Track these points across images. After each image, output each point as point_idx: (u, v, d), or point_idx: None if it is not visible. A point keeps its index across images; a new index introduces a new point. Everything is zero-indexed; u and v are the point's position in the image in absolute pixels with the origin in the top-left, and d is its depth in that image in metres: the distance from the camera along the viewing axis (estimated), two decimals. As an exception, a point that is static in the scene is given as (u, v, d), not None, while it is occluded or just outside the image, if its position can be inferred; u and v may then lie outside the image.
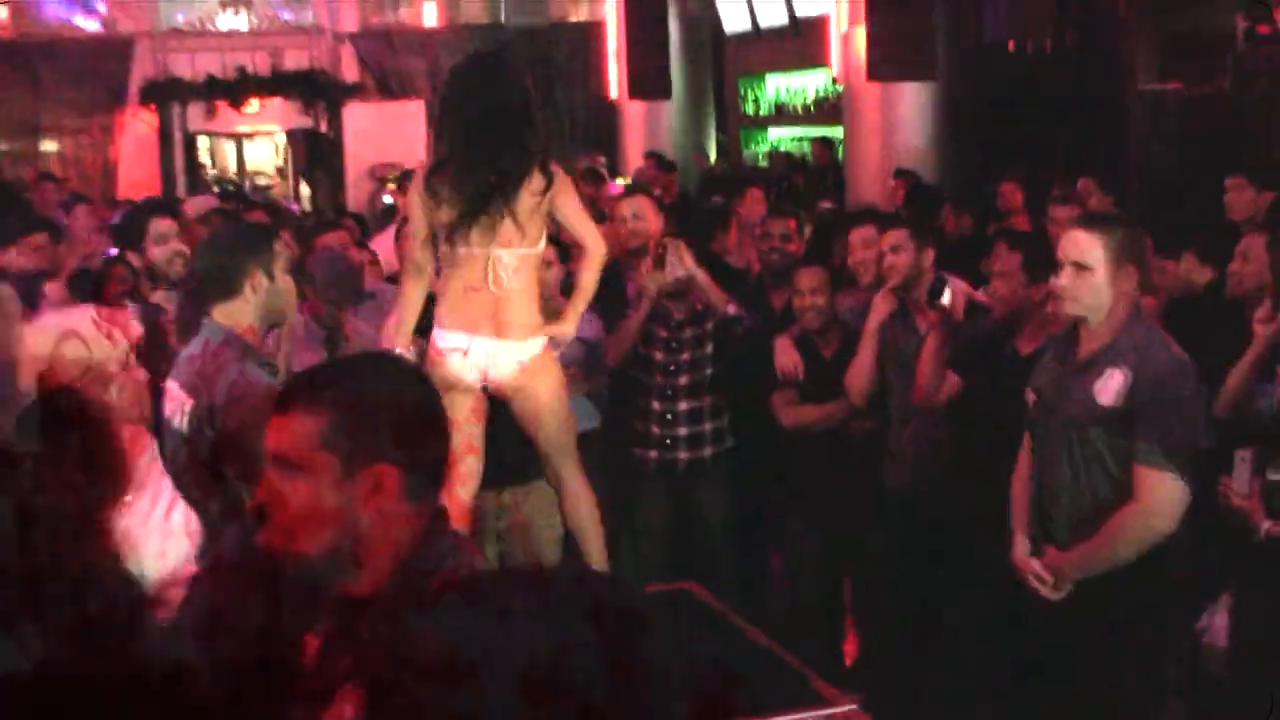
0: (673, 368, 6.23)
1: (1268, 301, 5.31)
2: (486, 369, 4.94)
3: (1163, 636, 4.61)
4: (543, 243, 4.98)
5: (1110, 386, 4.37)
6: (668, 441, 6.25)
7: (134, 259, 6.15)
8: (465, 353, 4.93)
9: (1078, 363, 4.50)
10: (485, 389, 5.03)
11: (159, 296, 5.91)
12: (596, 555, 5.15)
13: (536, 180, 4.83)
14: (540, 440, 5.12)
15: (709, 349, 6.23)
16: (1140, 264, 4.57)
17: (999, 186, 8.67)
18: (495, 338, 4.92)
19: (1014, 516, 4.74)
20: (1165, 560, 4.43)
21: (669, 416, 6.24)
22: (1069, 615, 4.51)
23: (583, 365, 6.31)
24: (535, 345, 4.98)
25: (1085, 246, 4.44)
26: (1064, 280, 4.46)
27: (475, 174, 4.83)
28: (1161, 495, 4.35)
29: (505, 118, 4.86)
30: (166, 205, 7.08)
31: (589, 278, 5.11)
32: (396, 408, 2.45)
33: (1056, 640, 4.57)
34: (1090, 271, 4.41)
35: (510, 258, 4.86)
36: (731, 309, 6.21)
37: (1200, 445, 4.46)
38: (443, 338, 4.97)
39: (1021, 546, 4.66)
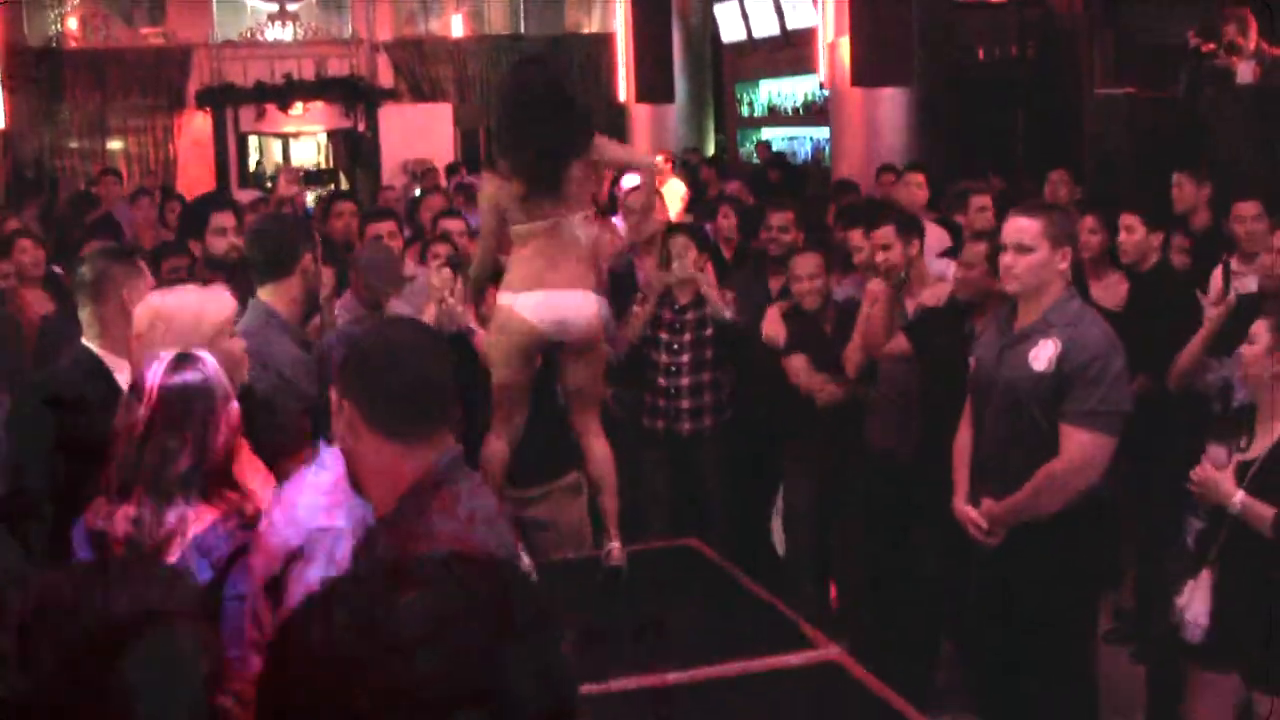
0: (676, 347, 6.21)
1: (1218, 286, 5.28)
2: (566, 319, 4.77)
3: (1089, 575, 4.68)
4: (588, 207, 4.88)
5: (1042, 354, 4.44)
6: (672, 413, 6.23)
7: (194, 248, 6.13)
8: (546, 306, 4.76)
9: (1014, 334, 4.56)
10: (557, 344, 4.87)
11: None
12: (614, 500, 5.04)
13: (583, 150, 4.75)
14: (584, 394, 4.98)
15: (710, 330, 6.18)
16: (1073, 245, 4.63)
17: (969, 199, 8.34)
18: (570, 289, 4.77)
19: (955, 471, 4.80)
20: (1090, 508, 4.50)
21: (673, 391, 6.22)
22: (1006, 557, 4.59)
23: None
24: (596, 300, 4.85)
25: (1026, 230, 4.50)
26: (1007, 260, 4.52)
27: (537, 151, 4.71)
28: (1084, 452, 4.42)
29: (557, 103, 4.76)
30: (227, 201, 7.06)
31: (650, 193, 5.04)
32: (363, 352, 2.58)
33: (998, 581, 4.65)
34: (1031, 251, 4.46)
35: (573, 220, 4.76)
36: (729, 314, 6.16)
37: (1126, 410, 4.52)
38: (523, 298, 4.78)
39: (961, 497, 4.72)
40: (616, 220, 8.21)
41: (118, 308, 4.09)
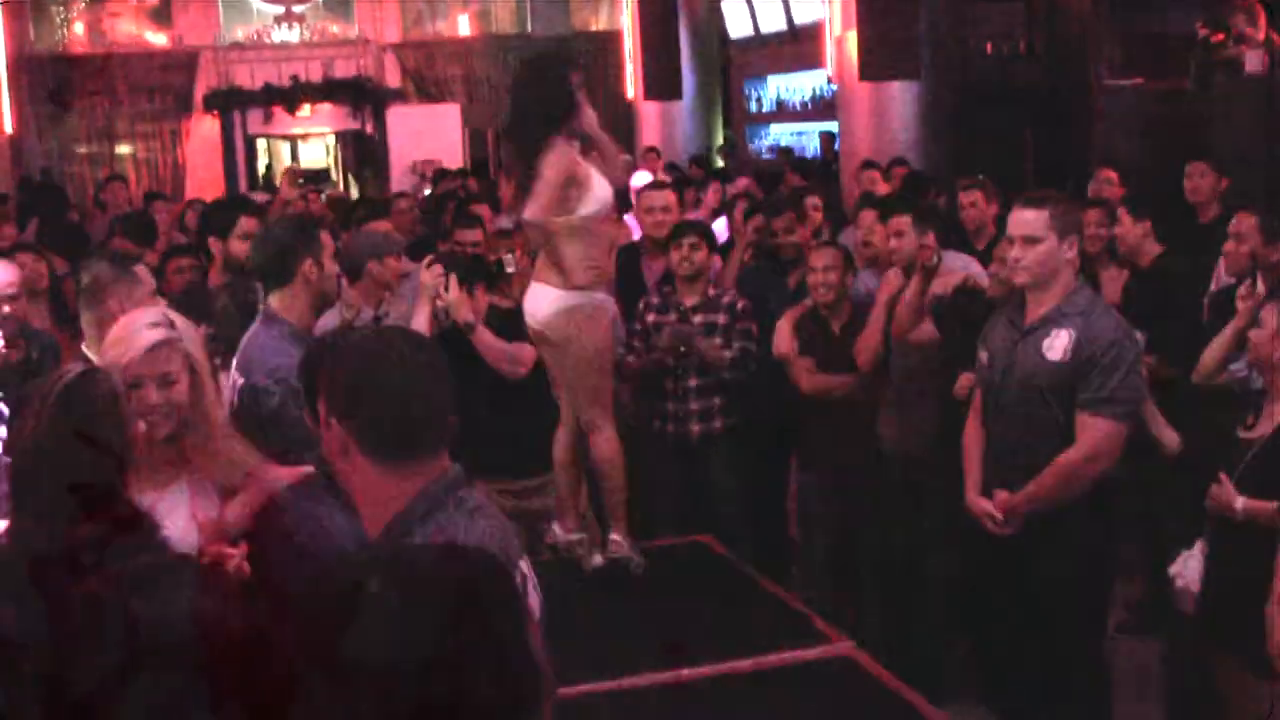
0: (682, 350, 6.19)
1: (1247, 280, 5.27)
2: (531, 312, 4.92)
3: (1099, 563, 4.67)
4: (578, 210, 4.81)
5: (1057, 345, 4.46)
6: (681, 416, 6.22)
7: (215, 247, 6.16)
8: (529, 299, 4.97)
9: (1026, 326, 4.56)
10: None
11: None
12: (616, 495, 5.10)
13: (531, 148, 4.78)
14: (570, 389, 5.04)
15: (718, 335, 6.18)
16: (1080, 235, 4.60)
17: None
18: (537, 283, 4.91)
19: (966, 464, 4.81)
20: (1103, 496, 4.52)
21: (681, 394, 6.20)
22: (1016, 548, 4.60)
23: None
24: (553, 295, 4.87)
25: (1031, 221, 4.50)
26: (1015, 252, 4.54)
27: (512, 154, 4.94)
28: (1101, 439, 4.44)
29: (522, 110, 4.88)
30: (259, 208, 7.11)
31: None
32: (353, 368, 2.44)
33: (1009, 571, 4.66)
34: (1038, 243, 4.46)
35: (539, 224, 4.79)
36: (728, 354, 6.16)
37: (1140, 397, 4.56)
38: None
39: (973, 490, 4.73)
40: (628, 219, 8.25)
41: (107, 315, 4.14)
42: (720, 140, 19.50)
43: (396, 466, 2.39)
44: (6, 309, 5.03)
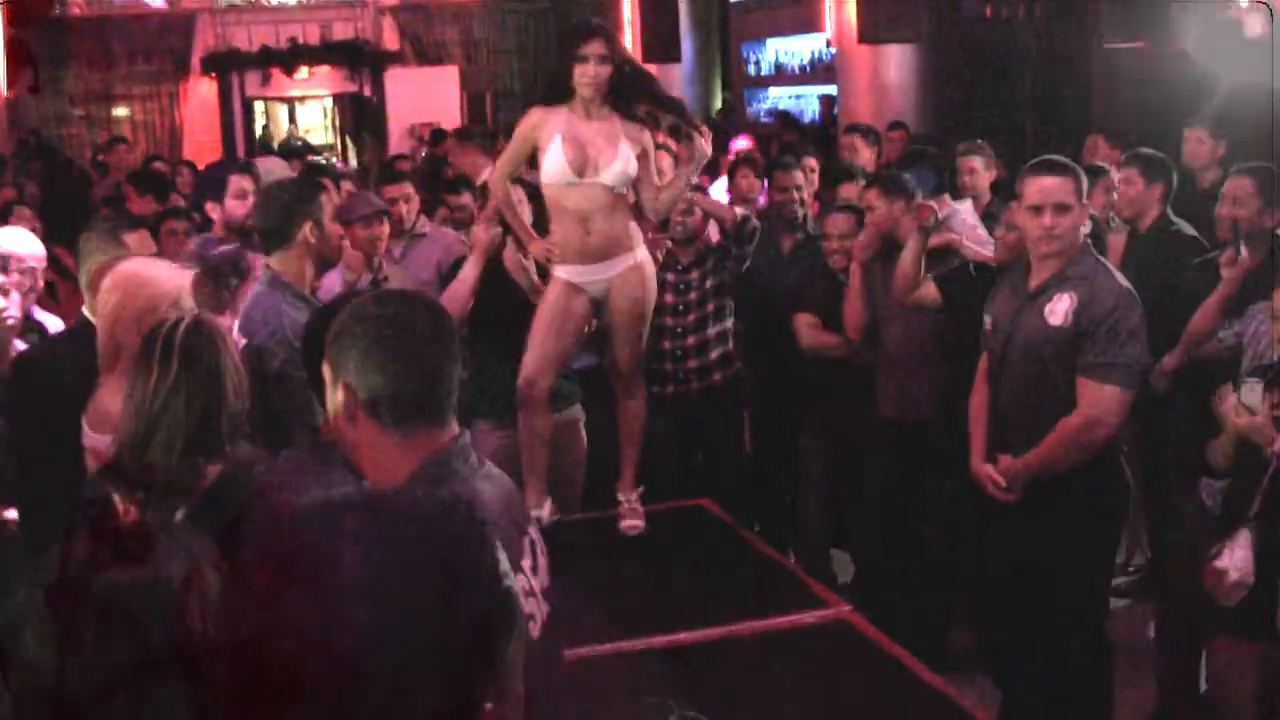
0: (681, 308, 6.18)
1: (1230, 248, 5.25)
2: None
3: (1103, 532, 4.66)
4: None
5: (1059, 309, 4.44)
6: (680, 376, 6.22)
7: (213, 211, 6.13)
8: None
9: (1030, 291, 4.55)
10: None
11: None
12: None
13: None
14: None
15: (710, 284, 6.18)
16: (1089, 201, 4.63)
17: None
18: None
19: (971, 429, 4.80)
20: (1104, 465, 4.51)
21: (679, 353, 6.20)
22: (1020, 516, 4.58)
23: None
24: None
25: (1061, 189, 4.46)
26: (1047, 221, 4.45)
27: None
28: (1102, 405, 4.42)
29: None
30: (247, 165, 7.05)
31: None
32: (360, 333, 2.38)
33: (1012, 539, 4.65)
34: (1069, 211, 4.45)
35: None
36: (739, 211, 6.17)
37: (1143, 363, 4.55)
38: None
39: (978, 456, 4.71)
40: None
41: (95, 278, 4.14)
42: (719, 103, 19.42)
43: (404, 433, 2.36)
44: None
